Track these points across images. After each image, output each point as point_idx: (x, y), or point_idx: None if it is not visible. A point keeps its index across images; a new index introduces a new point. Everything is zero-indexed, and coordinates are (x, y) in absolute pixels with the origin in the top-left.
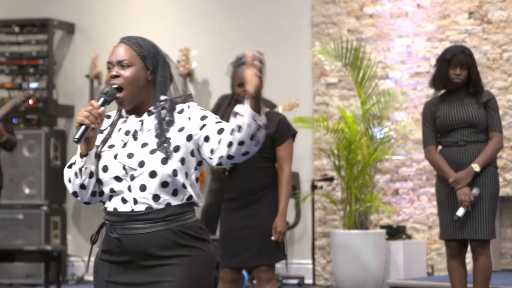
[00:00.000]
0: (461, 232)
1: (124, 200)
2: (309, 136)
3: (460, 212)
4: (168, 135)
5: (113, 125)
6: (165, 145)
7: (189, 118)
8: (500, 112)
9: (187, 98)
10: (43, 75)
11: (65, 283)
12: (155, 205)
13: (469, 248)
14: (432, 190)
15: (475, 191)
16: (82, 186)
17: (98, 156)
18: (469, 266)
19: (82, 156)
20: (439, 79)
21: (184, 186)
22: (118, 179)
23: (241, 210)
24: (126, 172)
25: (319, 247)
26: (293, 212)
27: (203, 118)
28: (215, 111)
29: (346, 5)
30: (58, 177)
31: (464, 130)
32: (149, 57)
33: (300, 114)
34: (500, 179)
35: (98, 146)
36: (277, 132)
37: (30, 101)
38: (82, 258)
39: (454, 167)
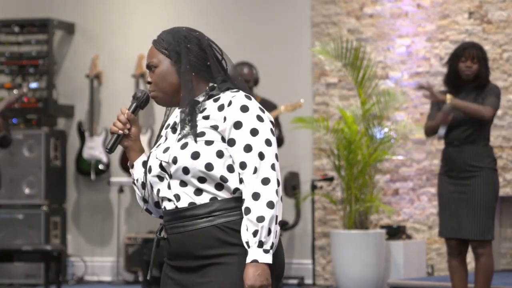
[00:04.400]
0: (459, 232)
1: (168, 199)
2: (309, 136)
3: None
4: (202, 129)
5: (164, 123)
6: (190, 135)
7: (225, 119)
8: (500, 112)
9: (231, 85)
10: (43, 75)
11: (65, 283)
12: (198, 200)
13: (470, 248)
14: (432, 190)
15: (447, 106)
16: (144, 200)
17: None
18: (470, 266)
19: (131, 167)
20: (449, 74)
21: (224, 180)
22: (160, 178)
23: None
24: (164, 170)
25: (319, 247)
26: (293, 212)
27: (236, 127)
28: None
29: (346, 5)
30: (58, 177)
31: (462, 129)
32: (171, 48)
33: (300, 114)
34: (500, 179)
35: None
36: None
37: (25, 99)
38: (82, 258)
39: (451, 167)
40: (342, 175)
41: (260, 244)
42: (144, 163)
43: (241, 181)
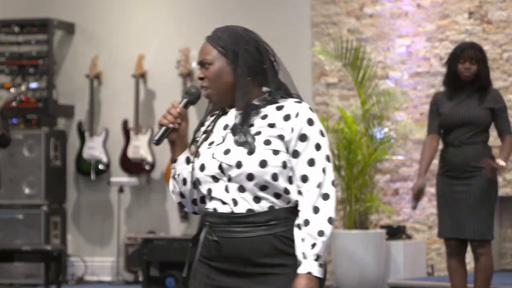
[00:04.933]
0: (458, 232)
1: (223, 202)
2: None
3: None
4: (267, 137)
5: (215, 121)
6: (251, 143)
7: (292, 130)
8: None
9: (290, 94)
10: (43, 75)
11: (65, 283)
12: (256, 207)
13: (469, 248)
14: (432, 190)
15: (423, 183)
16: (181, 195)
17: (197, 154)
18: (470, 266)
19: (172, 161)
20: (449, 75)
21: (286, 192)
22: (215, 178)
23: None
24: (223, 172)
25: None
26: None
27: (302, 140)
28: None
29: (346, 5)
30: (58, 177)
31: (462, 130)
32: (228, 48)
33: None
34: (500, 179)
35: (197, 145)
36: None
37: (25, 99)
38: (82, 258)
39: (450, 167)
40: (342, 175)
41: (317, 257)
42: (188, 160)
43: (299, 193)
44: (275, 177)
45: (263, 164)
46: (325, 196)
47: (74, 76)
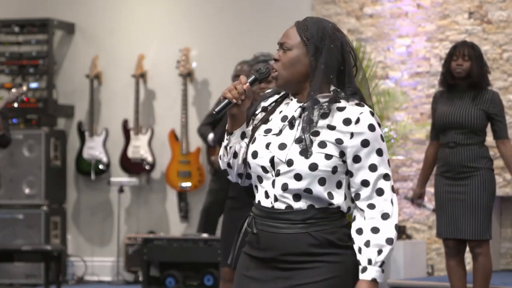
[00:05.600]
0: (457, 232)
1: (267, 194)
2: None
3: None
4: (324, 140)
5: (275, 106)
6: (308, 145)
7: (352, 135)
8: None
9: (357, 98)
10: (43, 75)
11: (65, 283)
12: (296, 205)
13: (468, 248)
14: (432, 190)
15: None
16: (229, 165)
17: (252, 139)
18: (470, 266)
19: (228, 133)
20: (443, 74)
21: (330, 196)
22: (264, 169)
23: (243, 209)
24: (273, 165)
25: None
26: None
27: (363, 145)
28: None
29: (346, 5)
30: (58, 177)
31: (457, 131)
32: (312, 41)
33: None
34: (500, 179)
35: (255, 126)
36: None
37: (24, 97)
38: (82, 258)
39: (447, 168)
40: None
41: (382, 264)
42: (243, 135)
43: (356, 197)
44: (322, 181)
45: (313, 167)
46: (392, 202)
47: (74, 76)
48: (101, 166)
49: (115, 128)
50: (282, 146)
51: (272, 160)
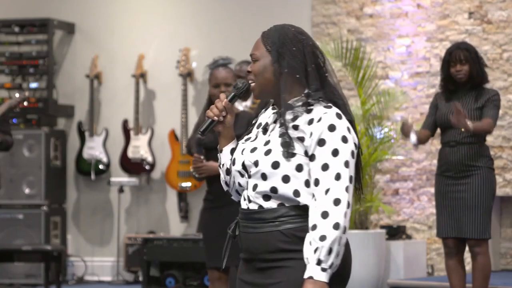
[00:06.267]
0: (457, 231)
1: (244, 198)
2: None
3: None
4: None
5: (257, 117)
6: (286, 147)
7: (311, 134)
8: (500, 112)
9: (324, 99)
10: (43, 75)
11: (65, 283)
12: (266, 205)
13: (468, 248)
14: (432, 190)
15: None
16: (226, 184)
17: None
18: (469, 266)
19: (219, 152)
20: (444, 80)
21: (296, 194)
22: (240, 174)
23: (221, 209)
24: (245, 169)
25: None
26: None
27: (319, 144)
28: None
29: (346, 5)
30: (58, 177)
31: (457, 130)
32: (274, 48)
33: None
34: (500, 179)
35: (242, 138)
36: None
37: (26, 103)
38: (82, 258)
39: (447, 167)
40: None
41: (319, 262)
42: (232, 151)
43: (313, 196)
44: (286, 179)
45: (275, 165)
46: (336, 202)
47: (74, 76)
48: (101, 166)
49: (115, 128)
50: (253, 150)
51: (243, 164)
